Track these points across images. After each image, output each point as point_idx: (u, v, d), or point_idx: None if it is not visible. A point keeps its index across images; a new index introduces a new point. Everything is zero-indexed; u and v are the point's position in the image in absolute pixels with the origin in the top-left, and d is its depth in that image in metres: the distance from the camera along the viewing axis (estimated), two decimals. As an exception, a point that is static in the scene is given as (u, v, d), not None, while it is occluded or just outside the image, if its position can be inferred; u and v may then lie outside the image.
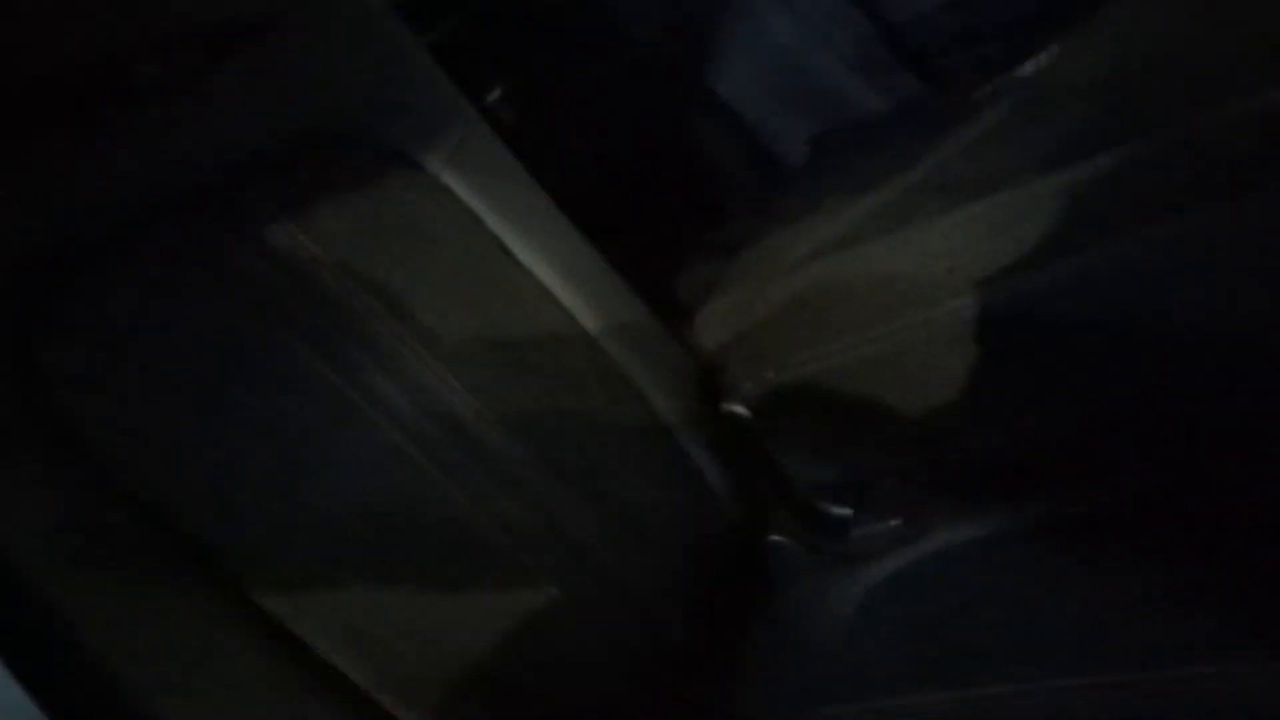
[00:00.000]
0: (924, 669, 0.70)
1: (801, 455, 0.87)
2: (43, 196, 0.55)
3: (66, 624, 0.46)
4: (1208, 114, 0.65)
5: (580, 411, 0.73)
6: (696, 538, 0.84)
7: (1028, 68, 0.96)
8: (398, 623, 0.59)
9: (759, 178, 1.29)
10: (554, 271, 0.74)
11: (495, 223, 0.74)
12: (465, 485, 0.66)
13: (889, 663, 0.74)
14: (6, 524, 0.46)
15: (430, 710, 0.59)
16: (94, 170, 0.57)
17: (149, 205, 0.59)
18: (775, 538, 0.89)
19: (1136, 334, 0.69)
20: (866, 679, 0.74)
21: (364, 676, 0.56)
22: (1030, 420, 0.76)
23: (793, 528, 0.89)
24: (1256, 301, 0.66)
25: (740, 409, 0.88)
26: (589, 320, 0.75)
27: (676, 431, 0.83)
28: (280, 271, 0.62)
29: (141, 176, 0.60)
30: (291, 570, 0.56)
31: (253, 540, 0.55)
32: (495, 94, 1.20)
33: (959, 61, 1.15)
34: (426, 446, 0.64)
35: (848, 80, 1.19)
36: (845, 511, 0.89)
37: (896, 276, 0.80)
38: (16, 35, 0.51)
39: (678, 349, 0.87)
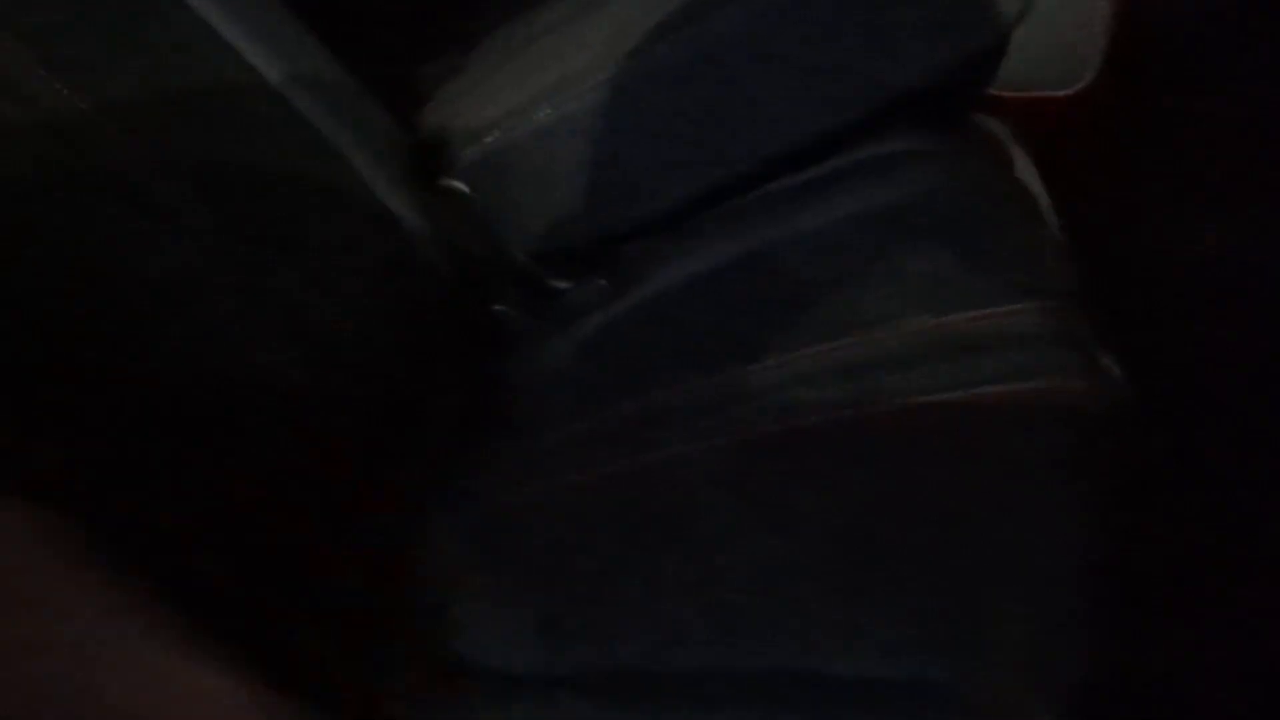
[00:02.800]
0: (609, 394, 0.76)
1: (518, 225, 0.90)
2: None
3: None
4: None
5: (265, 164, 0.72)
6: (411, 304, 0.86)
7: None
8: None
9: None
10: (228, 18, 0.72)
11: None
12: (131, 238, 0.65)
13: (585, 400, 0.79)
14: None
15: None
16: None
17: None
18: (499, 307, 0.92)
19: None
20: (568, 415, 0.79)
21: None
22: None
23: (514, 297, 0.92)
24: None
25: (458, 183, 0.88)
26: (272, 72, 0.73)
27: (384, 198, 0.83)
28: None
29: None
30: None
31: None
32: None
33: None
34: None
35: None
36: (562, 283, 0.93)
37: (585, 44, 0.82)
38: None
39: (386, 118, 0.86)
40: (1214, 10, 0.77)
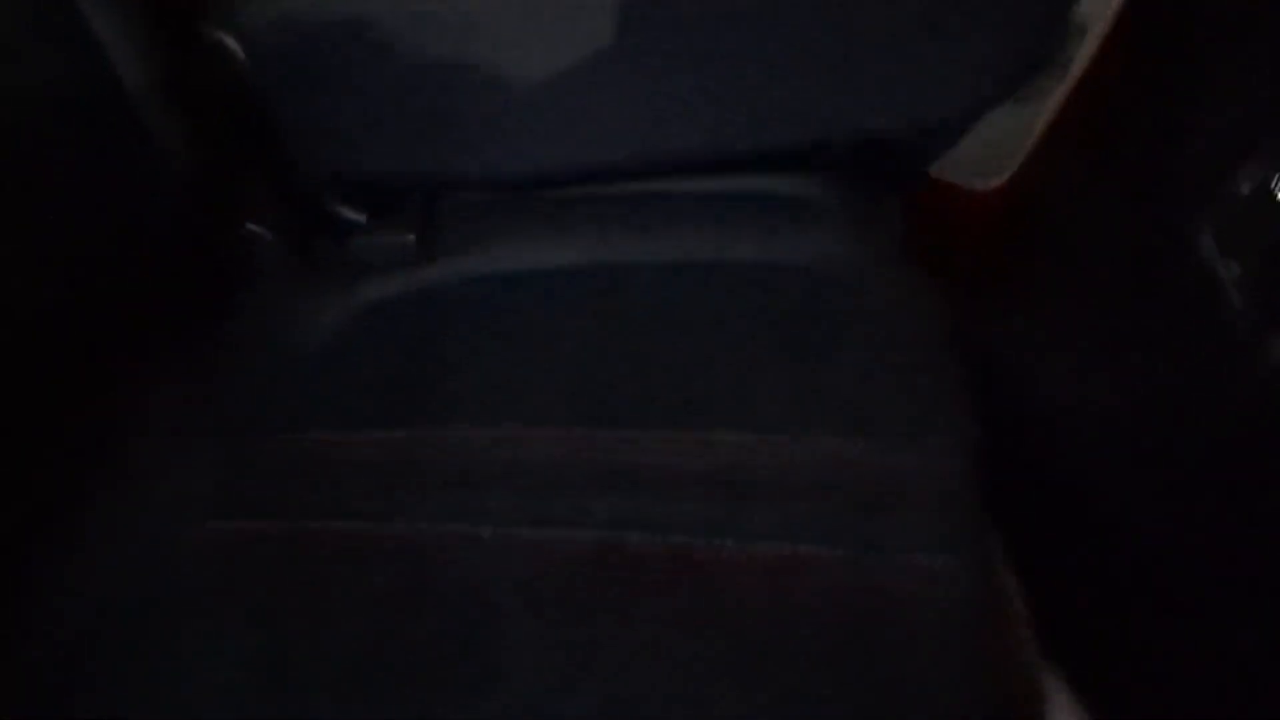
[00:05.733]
0: (390, 404, 0.57)
1: (311, 131, 0.64)
2: None
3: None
4: None
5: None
6: (121, 194, 0.59)
7: None
8: None
9: None
10: None
11: None
12: None
13: (355, 394, 0.58)
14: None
15: None
16: None
17: None
18: (252, 226, 0.67)
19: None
20: (327, 408, 0.59)
21: None
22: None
23: (275, 218, 0.67)
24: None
25: (230, 40, 0.61)
26: None
27: (109, 47, 0.56)
28: None
29: None
30: None
31: None
32: None
33: None
34: None
35: None
36: (358, 217, 0.69)
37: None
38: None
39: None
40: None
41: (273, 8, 0.60)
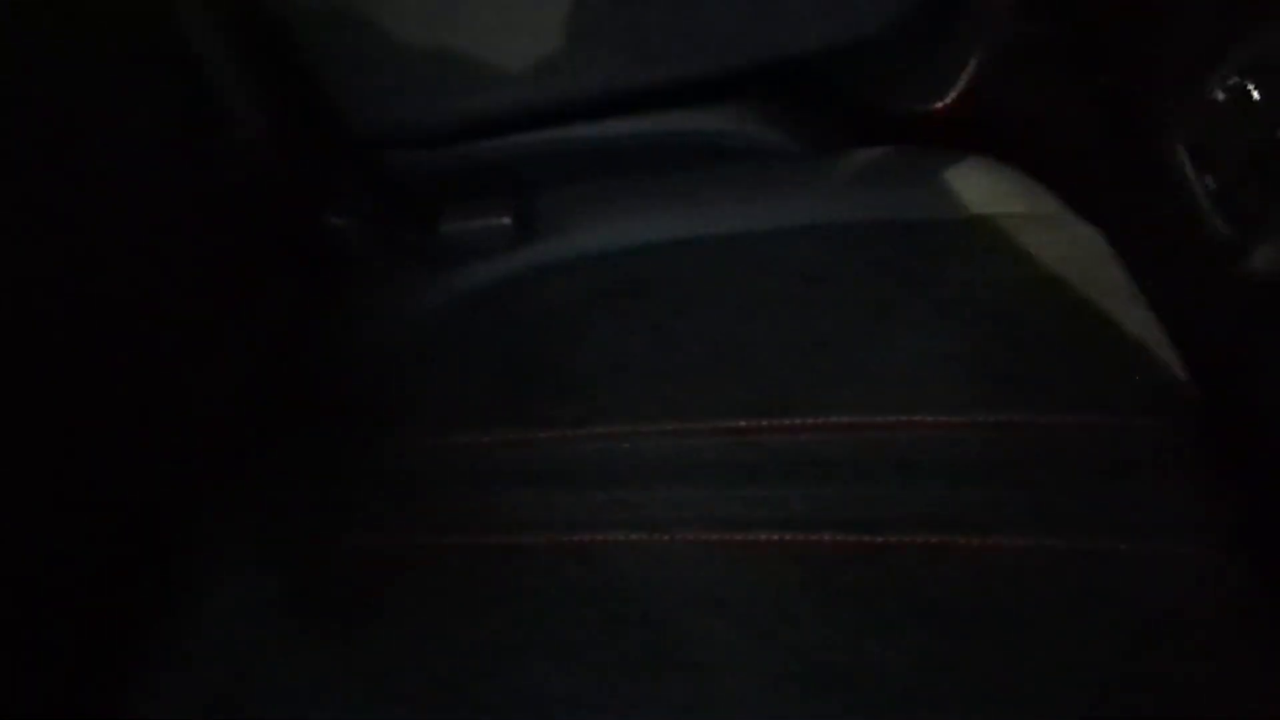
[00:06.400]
0: (501, 404, 0.52)
1: (352, 87, 0.61)
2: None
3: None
4: None
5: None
6: (206, 186, 0.56)
7: None
8: None
9: None
10: None
11: None
12: None
13: (465, 393, 0.54)
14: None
15: None
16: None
17: None
18: (334, 219, 0.63)
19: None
20: (439, 410, 0.55)
21: None
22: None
23: (362, 209, 0.64)
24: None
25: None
26: None
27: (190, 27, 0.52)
28: None
29: None
30: None
31: None
32: None
33: None
34: None
35: None
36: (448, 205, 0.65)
37: None
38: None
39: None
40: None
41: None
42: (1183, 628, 0.38)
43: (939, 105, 0.65)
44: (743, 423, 0.47)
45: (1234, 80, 0.46)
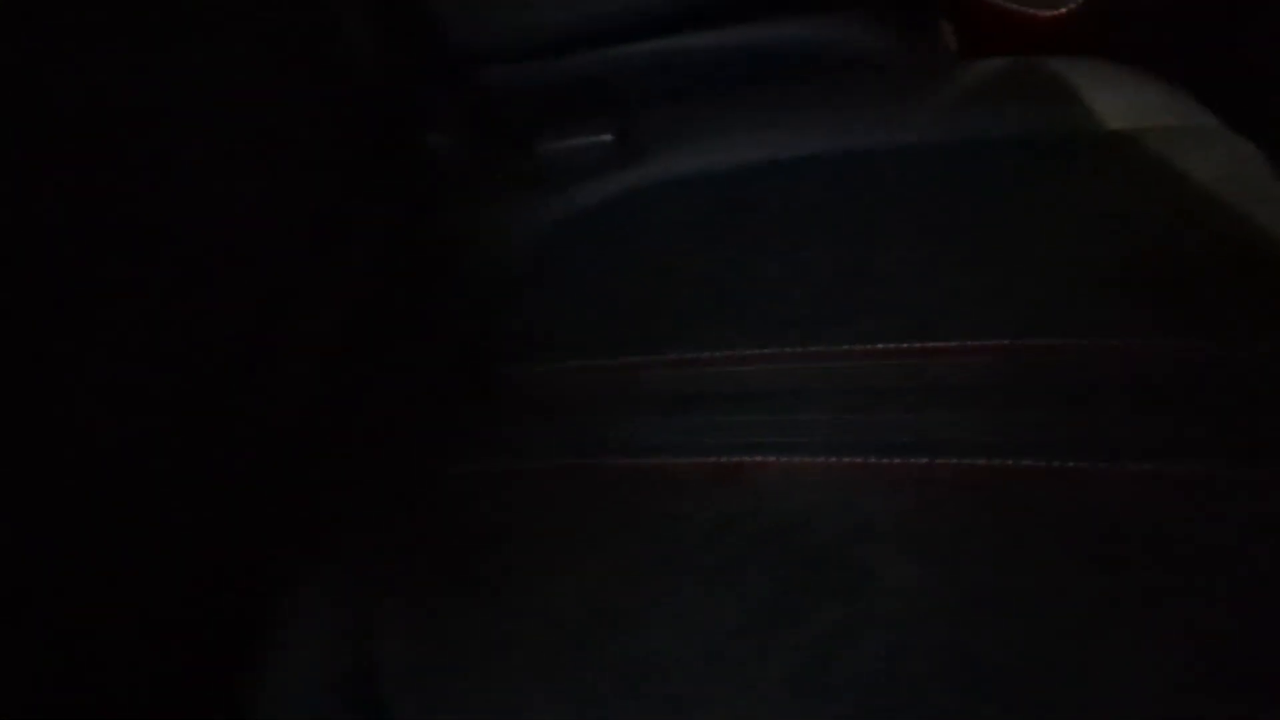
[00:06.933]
0: (624, 328, 0.51)
1: (476, 9, 0.60)
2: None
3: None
4: None
5: None
6: (330, 104, 0.56)
7: None
8: None
9: None
10: None
11: None
12: None
13: (582, 317, 0.54)
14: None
15: None
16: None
17: None
18: (436, 137, 0.63)
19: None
20: (555, 335, 0.54)
21: None
22: None
23: (460, 128, 0.64)
24: None
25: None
26: None
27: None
28: None
29: None
30: None
31: None
32: None
33: None
34: None
35: None
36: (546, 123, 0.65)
37: None
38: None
39: None
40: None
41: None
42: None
43: (1064, 10, 0.62)
44: (879, 346, 0.45)
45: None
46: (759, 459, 0.43)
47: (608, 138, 0.60)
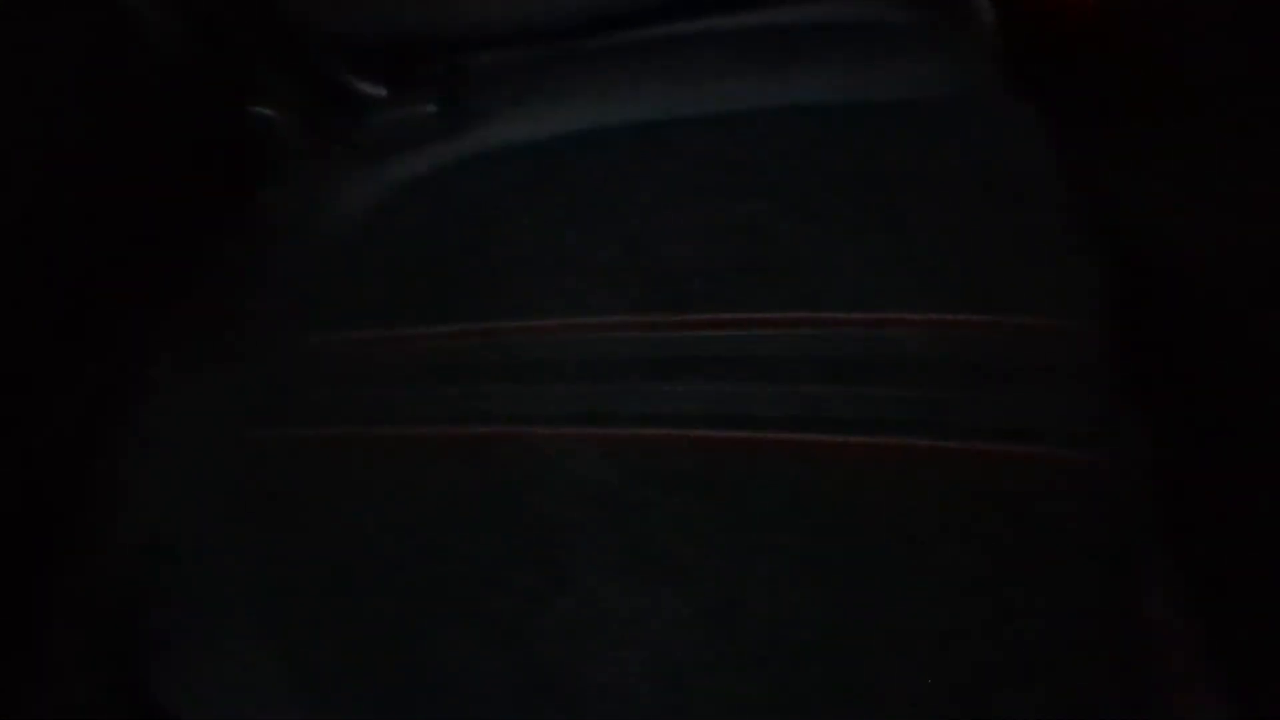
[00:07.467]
0: (426, 298, 0.50)
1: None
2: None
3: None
4: None
5: None
6: (116, 85, 0.53)
7: None
8: None
9: None
10: None
11: None
12: None
13: (395, 286, 0.52)
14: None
15: None
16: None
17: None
18: (260, 109, 0.60)
19: None
20: (367, 304, 0.53)
21: None
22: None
23: (288, 96, 0.61)
24: None
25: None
26: None
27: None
28: None
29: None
30: None
31: None
32: None
33: None
34: None
35: None
36: (376, 90, 0.62)
37: None
38: None
39: None
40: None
41: None
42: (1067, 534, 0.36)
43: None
44: (654, 318, 0.45)
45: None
46: (507, 429, 0.43)
47: (431, 107, 0.58)
